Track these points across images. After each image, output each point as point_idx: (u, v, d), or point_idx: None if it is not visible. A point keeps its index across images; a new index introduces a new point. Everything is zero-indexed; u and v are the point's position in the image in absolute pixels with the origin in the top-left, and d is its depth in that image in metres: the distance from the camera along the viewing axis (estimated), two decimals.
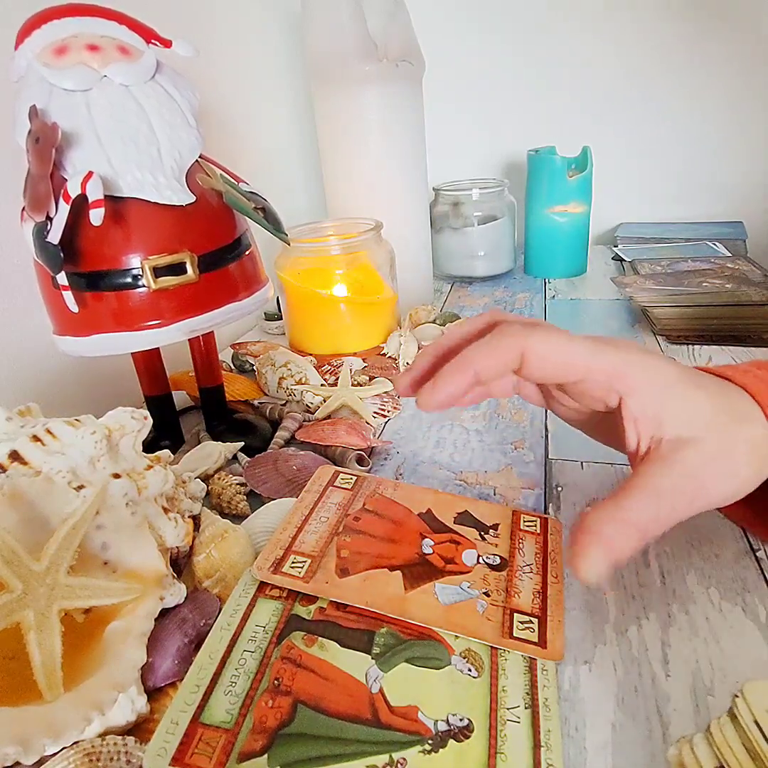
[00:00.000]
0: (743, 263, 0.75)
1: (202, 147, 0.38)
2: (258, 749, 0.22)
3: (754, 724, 0.19)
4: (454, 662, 0.26)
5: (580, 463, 0.41)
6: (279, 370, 0.53)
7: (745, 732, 0.19)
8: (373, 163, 0.67)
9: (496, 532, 0.34)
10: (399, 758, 0.22)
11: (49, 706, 0.22)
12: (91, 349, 0.38)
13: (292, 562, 0.30)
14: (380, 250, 0.62)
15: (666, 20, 0.86)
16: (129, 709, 0.24)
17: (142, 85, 0.36)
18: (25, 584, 0.24)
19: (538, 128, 0.96)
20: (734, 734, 0.19)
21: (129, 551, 0.28)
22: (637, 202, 0.98)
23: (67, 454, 0.28)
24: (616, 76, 0.91)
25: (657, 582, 0.31)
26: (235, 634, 0.27)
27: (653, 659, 0.27)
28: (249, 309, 0.41)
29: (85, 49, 0.34)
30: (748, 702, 0.19)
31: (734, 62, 0.87)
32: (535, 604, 0.29)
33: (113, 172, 0.34)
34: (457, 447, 0.45)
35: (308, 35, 0.65)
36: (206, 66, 0.70)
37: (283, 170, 0.90)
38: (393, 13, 0.64)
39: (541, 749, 0.23)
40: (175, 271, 0.37)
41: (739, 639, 0.28)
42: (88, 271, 0.36)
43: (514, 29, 0.92)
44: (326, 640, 0.27)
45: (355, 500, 0.35)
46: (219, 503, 0.39)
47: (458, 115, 0.99)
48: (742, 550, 0.33)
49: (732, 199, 0.94)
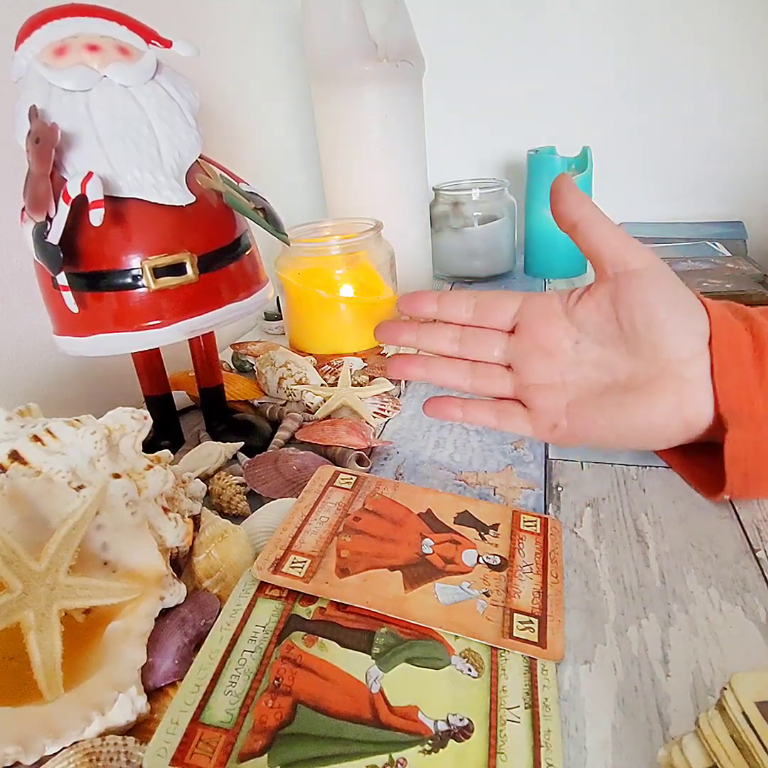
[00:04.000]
0: (743, 263, 0.75)
1: (201, 147, 0.38)
2: (258, 749, 0.22)
3: (742, 715, 0.18)
4: (454, 662, 0.26)
5: (580, 463, 0.41)
6: (279, 370, 0.53)
7: (734, 724, 0.19)
8: (373, 163, 0.67)
9: (496, 532, 0.34)
10: (399, 758, 0.22)
11: (49, 706, 0.22)
12: (91, 350, 0.38)
13: (292, 562, 0.30)
14: (380, 250, 0.62)
15: (666, 20, 0.86)
16: (129, 709, 0.24)
17: (141, 85, 0.36)
18: (25, 584, 0.24)
19: (538, 128, 0.95)
20: (723, 727, 0.19)
21: (129, 551, 0.28)
22: (637, 202, 0.97)
23: (67, 454, 0.28)
24: (616, 76, 0.91)
25: (657, 582, 0.31)
26: (235, 634, 0.27)
27: (653, 659, 0.27)
28: (249, 309, 0.41)
29: (85, 49, 0.34)
30: (736, 693, 0.19)
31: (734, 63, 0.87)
32: (535, 604, 0.29)
33: (113, 172, 0.34)
34: (457, 447, 0.45)
35: (308, 35, 0.65)
36: (206, 66, 0.70)
37: (283, 170, 0.90)
38: (393, 13, 0.64)
39: (541, 749, 0.23)
40: (175, 272, 0.37)
41: (739, 639, 0.28)
42: (88, 272, 0.36)
43: (515, 29, 0.92)
44: (326, 640, 0.27)
45: (355, 500, 0.35)
46: (219, 503, 0.39)
47: (458, 115, 0.99)
48: (742, 550, 0.33)
49: (732, 199, 0.94)
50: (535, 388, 0.38)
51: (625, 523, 0.35)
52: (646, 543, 0.34)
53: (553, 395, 0.37)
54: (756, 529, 0.34)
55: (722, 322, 0.34)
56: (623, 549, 0.33)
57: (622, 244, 0.34)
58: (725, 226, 0.91)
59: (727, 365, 0.33)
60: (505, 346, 0.39)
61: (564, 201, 0.35)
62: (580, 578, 0.32)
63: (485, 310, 0.39)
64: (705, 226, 0.91)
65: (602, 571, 0.32)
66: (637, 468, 0.40)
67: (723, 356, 0.33)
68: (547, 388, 0.38)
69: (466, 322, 0.39)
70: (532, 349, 0.38)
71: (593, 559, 0.33)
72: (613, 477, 0.40)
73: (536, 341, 0.38)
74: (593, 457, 0.42)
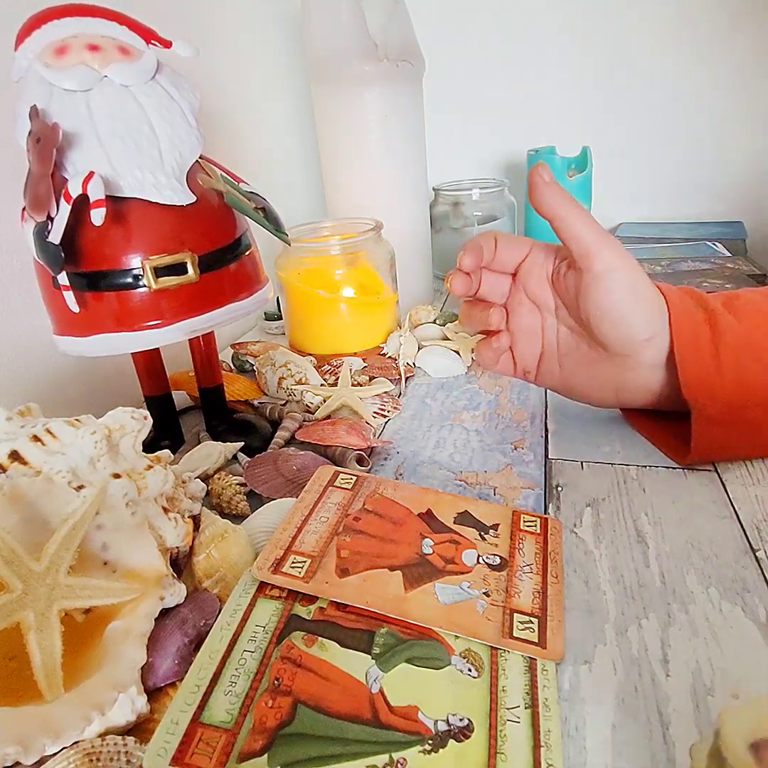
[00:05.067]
0: (743, 263, 0.75)
1: (202, 147, 0.38)
2: (258, 749, 0.22)
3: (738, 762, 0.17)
4: (454, 662, 0.26)
5: (580, 463, 0.41)
6: (279, 370, 0.53)
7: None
8: (373, 163, 0.67)
9: (496, 532, 0.34)
10: (399, 758, 0.22)
11: (49, 706, 0.23)
12: (91, 350, 0.38)
13: (292, 562, 0.30)
14: (380, 250, 0.62)
15: (666, 20, 0.86)
16: (129, 709, 0.24)
17: (142, 85, 0.36)
18: (25, 584, 0.24)
19: (538, 128, 0.96)
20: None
21: (129, 551, 0.28)
22: (637, 202, 0.98)
23: (67, 454, 0.28)
24: (616, 76, 0.91)
25: (657, 582, 0.31)
26: (235, 634, 0.27)
27: (653, 659, 0.27)
28: (249, 309, 0.41)
29: (86, 49, 0.34)
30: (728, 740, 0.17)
31: (734, 63, 0.87)
32: (535, 604, 0.29)
33: (114, 172, 0.34)
34: (457, 447, 0.45)
35: (308, 35, 0.65)
36: (206, 66, 0.70)
37: (283, 170, 0.90)
38: (393, 13, 0.64)
39: (541, 749, 0.23)
40: (175, 271, 0.37)
41: (739, 639, 0.28)
42: (88, 271, 0.36)
43: (514, 29, 0.92)
44: (326, 640, 0.27)
45: (355, 500, 0.35)
46: (219, 503, 0.39)
47: (458, 114, 0.99)
48: (742, 550, 0.33)
49: (732, 199, 0.94)
50: (520, 334, 0.42)
51: (625, 523, 0.35)
52: (646, 543, 0.34)
53: (531, 344, 0.42)
54: (756, 529, 0.34)
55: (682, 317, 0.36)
56: (623, 549, 0.34)
57: (590, 242, 0.36)
58: (725, 226, 0.91)
59: (687, 357, 0.36)
60: (507, 290, 0.42)
61: (539, 198, 0.37)
62: (580, 578, 0.32)
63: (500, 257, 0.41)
64: (705, 226, 0.91)
65: (602, 571, 0.32)
66: (637, 468, 0.40)
67: (683, 347, 0.36)
68: (528, 335, 0.42)
69: (485, 264, 0.42)
70: (523, 300, 0.42)
71: (593, 559, 0.33)
72: (613, 477, 0.40)
73: (527, 294, 0.41)
74: (593, 457, 0.42)
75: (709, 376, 0.35)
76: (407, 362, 0.58)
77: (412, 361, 0.59)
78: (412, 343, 0.60)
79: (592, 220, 0.36)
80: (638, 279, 0.36)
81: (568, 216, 0.36)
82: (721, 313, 0.36)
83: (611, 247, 0.36)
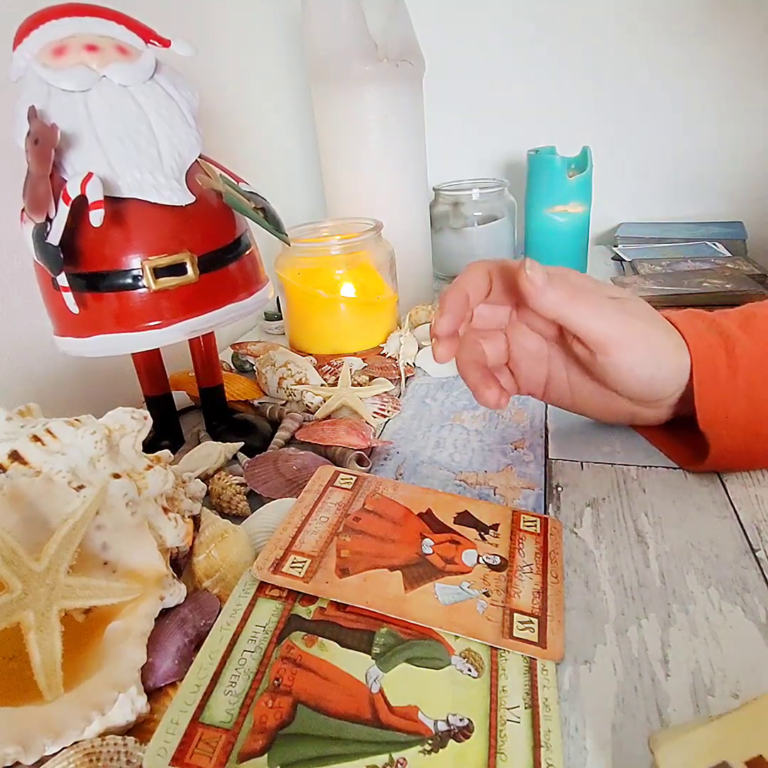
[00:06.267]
0: (743, 263, 0.75)
1: (201, 147, 0.38)
2: (258, 749, 0.22)
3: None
4: (454, 662, 0.26)
5: (580, 463, 0.41)
6: (279, 370, 0.53)
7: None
8: (373, 163, 0.67)
9: (496, 532, 0.34)
10: (399, 758, 0.22)
11: (49, 706, 0.23)
12: (91, 350, 0.38)
13: (292, 562, 0.30)
14: (380, 250, 0.62)
15: (666, 20, 0.86)
16: (129, 709, 0.24)
17: (141, 85, 0.36)
18: (25, 584, 0.24)
19: (538, 128, 0.96)
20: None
21: (129, 551, 0.28)
22: (637, 202, 0.98)
23: (67, 454, 0.28)
24: (616, 76, 0.91)
25: (657, 582, 0.31)
26: (235, 634, 0.27)
27: (653, 659, 0.27)
28: (249, 309, 0.41)
29: (84, 49, 0.34)
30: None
31: (735, 63, 0.87)
32: (535, 604, 0.29)
33: (113, 172, 0.34)
34: (457, 447, 0.45)
35: (308, 35, 0.65)
36: (206, 66, 0.70)
37: (283, 170, 0.90)
38: (393, 13, 0.64)
39: (541, 749, 0.23)
40: (175, 272, 0.37)
41: (739, 639, 0.28)
42: (88, 272, 0.36)
43: (514, 29, 0.92)
44: (326, 640, 0.27)
45: (355, 500, 0.35)
46: (219, 503, 0.39)
47: (458, 114, 0.99)
48: (742, 550, 0.33)
49: (732, 199, 0.94)
50: (522, 362, 0.41)
51: (625, 523, 0.35)
52: (646, 543, 0.34)
53: (535, 371, 0.41)
54: (756, 529, 0.34)
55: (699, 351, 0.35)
56: (623, 549, 0.33)
57: (600, 335, 0.35)
58: (725, 226, 0.91)
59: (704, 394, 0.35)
60: (506, 319, 0.41)
61: (537, 307, 0.35)
62: (580, 578, 0.32)
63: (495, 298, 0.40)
64: (705, 226, 0.91)
65: (602, 571, 0.32)
66: (637, 468, 0.40)
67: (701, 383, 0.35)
68: (530, 363, 0.41)
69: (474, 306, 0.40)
70: (525, 330, 0.40)
71: (593, 559, 0.33)
72: (613, 477, 0.40)
73: (530, 326, 0.40)
74: (593, 457, 0.42)
75: (726, 409, 0.35)
76: (407, 362, 0.58)
77: (412, 361, 0.59)
78: (412, 343, 0.60)
79: (596, 305, 0.35)
80: (655, 344, 0.35)
81: (571, 315, 0.35)
82: (737, 337, 0.36)
83: (623, 327, 0.35)
